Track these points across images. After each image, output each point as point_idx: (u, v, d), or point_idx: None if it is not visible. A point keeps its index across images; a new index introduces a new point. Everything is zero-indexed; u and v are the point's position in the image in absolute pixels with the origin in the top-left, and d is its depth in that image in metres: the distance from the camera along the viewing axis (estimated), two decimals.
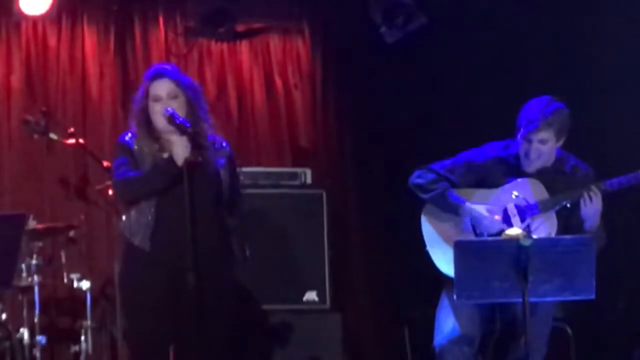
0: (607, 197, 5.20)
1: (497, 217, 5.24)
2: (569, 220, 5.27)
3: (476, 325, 5.21)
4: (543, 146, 5.26)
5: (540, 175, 5.33)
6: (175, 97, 5.03)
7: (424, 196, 5.38)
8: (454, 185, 5.37)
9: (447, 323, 5.23)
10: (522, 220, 5.22)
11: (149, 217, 4.96)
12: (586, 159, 5.45)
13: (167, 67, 5.27)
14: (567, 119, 5.30)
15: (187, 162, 4.87)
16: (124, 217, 5.09)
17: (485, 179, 5.39)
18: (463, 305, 5.08)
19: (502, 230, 5.14)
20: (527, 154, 5.28)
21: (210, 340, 4.94)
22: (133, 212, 5.01)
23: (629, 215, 5.97)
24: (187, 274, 4.79)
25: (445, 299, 5.30)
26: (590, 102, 6.30)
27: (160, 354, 4.95)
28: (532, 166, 5.31)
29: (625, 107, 6.42)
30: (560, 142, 5.32)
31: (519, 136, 5.30)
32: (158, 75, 5.09)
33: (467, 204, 5.29)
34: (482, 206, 5.27)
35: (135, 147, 5.04)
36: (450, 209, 5.32)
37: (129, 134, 5.09)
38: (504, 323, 5.26)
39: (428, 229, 5.39)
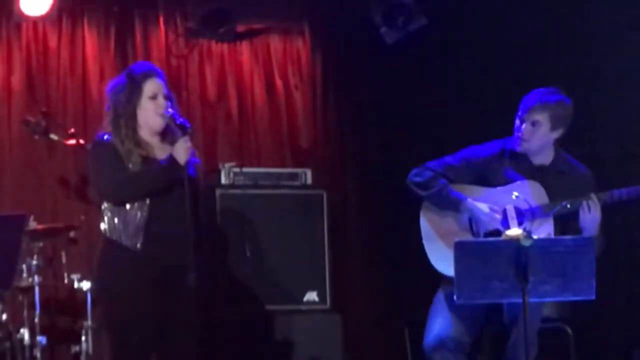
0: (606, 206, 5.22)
1: (498, 216, 5.24)
2: (567, 227, 5.27)
3: (466, 327, 5.20)
4: (535, 128, 5.27)
5: (540, 175, 5.34)
6: (165, 97, 5.03)
7: (423, 193, 5.38)
8: (451, 182, 5.38)
9: (437, 324, 5.23)
10: (520, 223, 5.22)
11: (142, 217, 4.90)
12: (591, 162, 5.47)
13: (152, 65, 5.26)
14: (567, 112, 5.31)
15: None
16: (106, 218, 4.96)
17: (485, 177, 5.39)
18: (455, 306, 5.06)
19: (498, 230, 5.15)
20: (518, 133, 5.30)
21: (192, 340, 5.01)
22: (122, 213, 4.92)
23: (628, 214, 5.97)
24: (188, 274, 4.79)
25: (439, 297, 5.30)
26: (592, 102, 6.30)
27: (144, 351, 4.94)
28: (523, 146, 5.31)
29: (628, 108, 6.42)
30: (556, 134, 5.31)
31: (517, 119, 5.33)
32: (153, 72, 5.04)
33: (469, 200, 5.28)
34: (484, 204, 5.27)
35: (120, 147, 4.93)
36: (451, 205, 5.32)
37: (106, 135, 4.97)
38: (494, 325, 5.27)
39: (425, 225, 5.39)
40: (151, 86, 4.98)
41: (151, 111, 4.98)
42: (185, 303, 4.95)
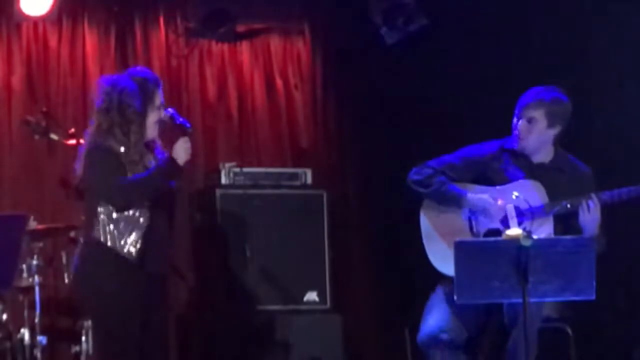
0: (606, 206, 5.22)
1: (500, 202, 5.22)
2: (567, 227, 5.26)
3: (464, 323, 5.18)
4: (531, 125, 5.28)
5: (540, 173, 5.34)
6: None
7: (423, 191, 5.36)
8: (451, 180, 5.37)
9: (432, 318, 5.23)
10: (520, 223, 5.22)
11: (142, 224, 4.87)
12: (592, 162, 5.46)
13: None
14: (563, 108, 5.31)
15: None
16: (101, 223, 4.89)
17: (485, 175, 5.39)
18: (453, 302, 5.05)
19: (498, 230, 5.15)
20: (515, 130, 5.32)
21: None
22: (118, 220, 4.87)
23: (629, 214, 5.96)
24: (187, 275, 4.82)
25: (437, 293, 5.29)
26: (592, 101, 6.30)
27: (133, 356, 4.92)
28: (521, 144, 5.32)
29: (628, 107, 6.42)
30: (554, 131, 5.32)
31: (514, 117, 5.34)
32: (159, 81, 5.02)
33: (470, 194, 5.28)
34: (484, 195, 5.26)
35: (121, 152, 4.87)
36: (452, 201, 5.30)
37: (101, 137, 4.91)
38: (494, 325, 5.27)
39: (425, 224, 5.39)
40: (159, 95, 4.96)
41: (155, 120, 4.95)
42: (165, 311, 5.02)
